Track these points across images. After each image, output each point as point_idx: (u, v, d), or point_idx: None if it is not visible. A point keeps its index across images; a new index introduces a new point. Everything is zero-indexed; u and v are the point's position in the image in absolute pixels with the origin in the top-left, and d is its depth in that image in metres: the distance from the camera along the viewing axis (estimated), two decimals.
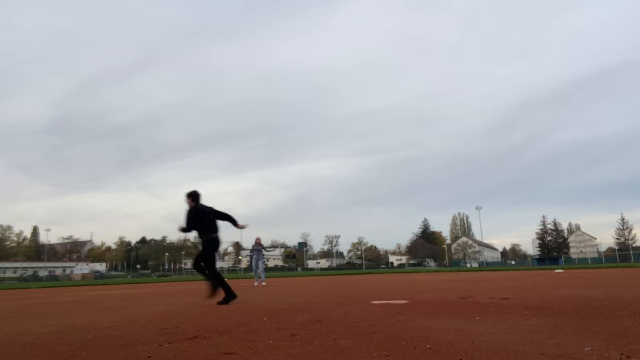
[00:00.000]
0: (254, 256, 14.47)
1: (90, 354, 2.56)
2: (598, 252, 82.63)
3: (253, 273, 14.12)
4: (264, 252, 14.88)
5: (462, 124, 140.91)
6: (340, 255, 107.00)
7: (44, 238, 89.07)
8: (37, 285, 25.54)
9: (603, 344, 2.36)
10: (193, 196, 6.15)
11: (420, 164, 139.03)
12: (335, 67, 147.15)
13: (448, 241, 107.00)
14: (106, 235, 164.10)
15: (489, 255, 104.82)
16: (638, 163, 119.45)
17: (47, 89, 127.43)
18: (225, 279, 6.24)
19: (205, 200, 6.29)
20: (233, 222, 6.56)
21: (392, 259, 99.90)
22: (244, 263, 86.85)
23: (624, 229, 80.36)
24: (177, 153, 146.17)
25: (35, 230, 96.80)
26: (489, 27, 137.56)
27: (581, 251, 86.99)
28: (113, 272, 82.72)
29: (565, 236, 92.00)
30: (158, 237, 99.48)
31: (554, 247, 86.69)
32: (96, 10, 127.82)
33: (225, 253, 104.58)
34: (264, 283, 13.69)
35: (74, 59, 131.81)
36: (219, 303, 5.72)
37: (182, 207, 6.11)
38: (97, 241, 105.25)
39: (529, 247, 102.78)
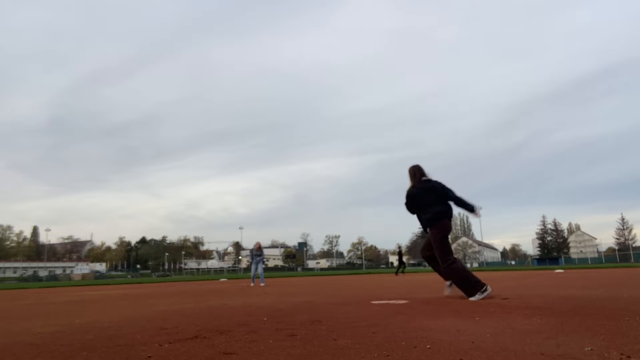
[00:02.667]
0: (254, 260, 14.67)
1: (90, 354, 2.56)
2: (598, 252, 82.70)
3: (252, 275, 14.71)
4: (264, 256, 15.29)
5: (462, 123, 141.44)
6: (340, 255, 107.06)
7: (44, 238, 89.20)
8: (37, 285, 25.53)
9: (603, 344, 2.36)
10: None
11: (421, 163, 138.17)
12: (335, 66, 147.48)
13: None
14: (106, 235, 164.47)
15: (489, 256, 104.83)
16: (638, 163, 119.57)
17: (44, 87, 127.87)
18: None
19: (205, 200, 6.10)
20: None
21: (392, 259, 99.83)
22: (244, 263, 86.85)
23: (624, 229, 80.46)
24: (176, 153, 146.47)
25: (35, 230, 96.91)
26: (490, 25, 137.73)
27: (581, 251, 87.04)
28: (113, 272, 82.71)
29: (565, 236, 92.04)
30: (158, 237, 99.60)
31: (554, 247, 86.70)
32: (94, 7, 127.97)
33: (225, 253, 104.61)
34: (262, 284, 13.80)
35: (71, 57, 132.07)
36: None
37: (180, 207, 6.02)
38: (97, 241, 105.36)
39: (529, 247, 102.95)
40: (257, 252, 14.61)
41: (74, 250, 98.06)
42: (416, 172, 5.42)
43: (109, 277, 66.02)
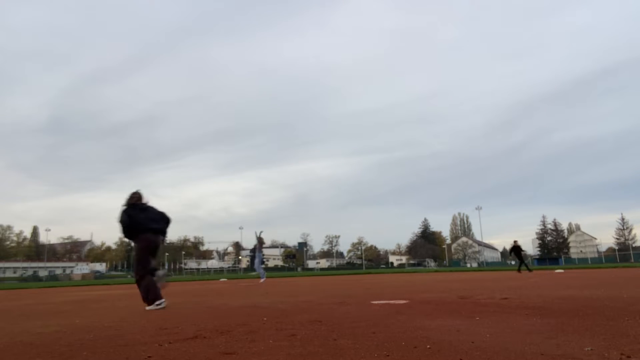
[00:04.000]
0: (256, 254, 14.63)
1: (90, 354, 2.56)
2: (598, 252, 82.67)
3: (257, 272, 14.71)
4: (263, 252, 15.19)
5: (462, 123, 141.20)
6: (340, 255, 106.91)
7: (44, 238, 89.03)
8: (37, 285, 25.54)
9: (603, 344, 2.36)
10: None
11: (421, 163, 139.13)
12: (335, 66, 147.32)
13: (448, 241, 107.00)
14: (106, 235, 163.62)
15: (489, 255, 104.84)
16: (638, 163, 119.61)
17: (44, 87, 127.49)
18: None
19: (205, 200, 6.23)
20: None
21: (392, 259, 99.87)
22: (244, 263, 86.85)
23: (624, 229, 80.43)
24: (176, 152, 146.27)
25: (35, 230, 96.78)
26: (490, 25, 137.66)
27: (581, 251, 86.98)
28: (113, 272, 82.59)
29: (565, 236, 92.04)
30: None
31: (554, 247, 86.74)
32: (93, 8, 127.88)
33: (225, 253, 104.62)
34: (260, 281, 13.88)
35: (71, 57, 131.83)
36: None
37: (180, 207, 6.06)
38: (97, 241, 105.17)
39: (529, 247, 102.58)
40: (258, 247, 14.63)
41: (74, 250, 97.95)
42: (139, 196, 6.01)
43: (109, 277, 65.96)
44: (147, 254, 5.72)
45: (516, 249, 20.02)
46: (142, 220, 5.73)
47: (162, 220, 6.03)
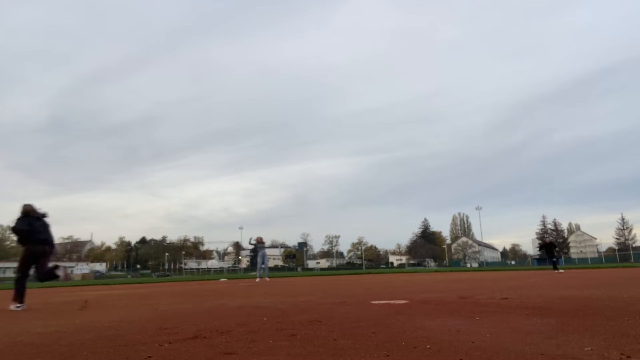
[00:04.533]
0: (259, 253, 14.76)
1: (90, 354, 2.56)
2: (598, 252, 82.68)
3: (257, 271, 14.87)
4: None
5: (462, 123, 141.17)
6: (340, 255, 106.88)
7: None
8: (37, 285, 25.51)
9: (603, 344, 2.36)
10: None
11: (421, 163, 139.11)
12: (335, 66, 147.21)
13: (448, 241, 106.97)
14: (106, 235, 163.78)
15: (489, 255, 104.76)
16: (638, 163, 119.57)
17: (44, 87, 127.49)
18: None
19: (205, 200, 6.32)
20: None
21: (392, 259, 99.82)
22: (244, 263, 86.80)
23: (624, 229, 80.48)
24: (176, 152, 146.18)
25: None
26: (490, 25, 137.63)
27: (581, 251, 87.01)
28: (113, 272, 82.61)
29: (565, 236, 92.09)
30: (158, 237, 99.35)
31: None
32: (93, 7, 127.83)
33: (225, 253, 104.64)
34: (267, 279, 14.04)
35: (71, 57, 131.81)
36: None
37: (180, 207, 6.11)
38: (97, 241, 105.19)
39: (529, 247, 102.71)
40: (261, 244, 14.76)
41: (74, 250, 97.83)
42: (33, 208, 6.67)
43: (109, 277, 65.95)
44: (30, 262, 6.48)
45: (549, 246, 19.88)
46: (36, 229, 6.48)
47: (48, 231, 6.73)
